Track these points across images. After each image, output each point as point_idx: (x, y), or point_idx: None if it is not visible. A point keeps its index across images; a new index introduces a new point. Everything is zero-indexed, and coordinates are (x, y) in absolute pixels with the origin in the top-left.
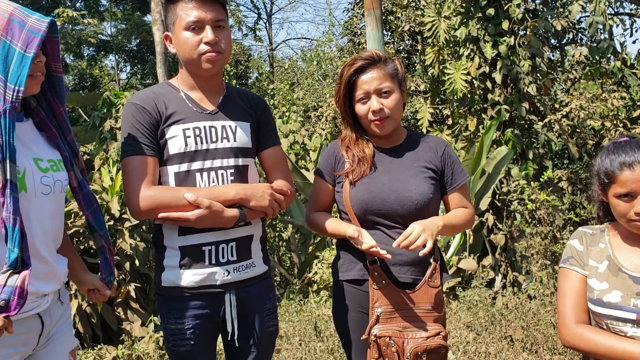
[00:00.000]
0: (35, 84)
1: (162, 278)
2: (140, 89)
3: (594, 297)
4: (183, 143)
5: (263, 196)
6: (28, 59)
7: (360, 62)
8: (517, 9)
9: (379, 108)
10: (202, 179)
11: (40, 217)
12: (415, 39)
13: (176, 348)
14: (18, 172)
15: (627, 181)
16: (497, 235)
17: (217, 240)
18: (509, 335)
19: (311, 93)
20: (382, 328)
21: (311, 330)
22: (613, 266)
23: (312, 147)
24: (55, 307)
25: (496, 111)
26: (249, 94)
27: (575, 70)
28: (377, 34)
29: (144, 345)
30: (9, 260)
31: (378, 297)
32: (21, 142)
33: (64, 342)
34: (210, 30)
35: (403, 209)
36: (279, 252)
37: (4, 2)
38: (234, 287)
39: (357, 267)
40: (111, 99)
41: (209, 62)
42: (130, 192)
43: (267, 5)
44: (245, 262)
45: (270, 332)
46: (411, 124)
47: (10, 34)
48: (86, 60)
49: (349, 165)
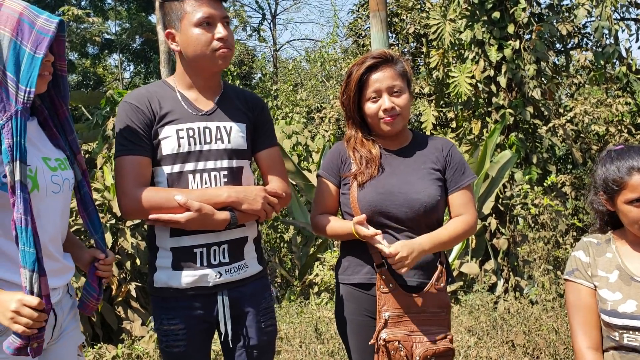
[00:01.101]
0: (43, 83)
1: (154, 279)
2: None
3: (608, 309)
4: (176, 144)
5: (255, 199)
6: (38, 59)
7: (371, 61)
8: (522, 13)
9: (391, 106)
10: (194, 181)
11: (51, 216)
12: (420, 41)
13: (169, 349)
14: (30, 171)
15: (638, 186)
16: (499, 240)
17: (209, 242)
18: (510, 340)
19: (315, 94)
20: (390, 332)
21: (312, 332)
22: (624, 275)
23: (314, 148)
24: (65, 299)
25: (500, 115)
26: (247, 94)
27: (580, 75)
28: (382, 36)
29: (143, 345)
30: (28, 262)
31: (386, 301)
32: (30, 142)
33: (74, 336)
34: (222, 26)
35: (412, 211)
36: (280, 253)
37: (15, 1)
38: (227, 288)
39: (364, 271)
40: (114, 98)
41: (221, 58)
42: (122, 192)
43: (272, 5)
44: (238, 263)
45: (268, 332)
46: (415, 127)
47: (20, 34)
48: (90, 59)
49: (357, 166)
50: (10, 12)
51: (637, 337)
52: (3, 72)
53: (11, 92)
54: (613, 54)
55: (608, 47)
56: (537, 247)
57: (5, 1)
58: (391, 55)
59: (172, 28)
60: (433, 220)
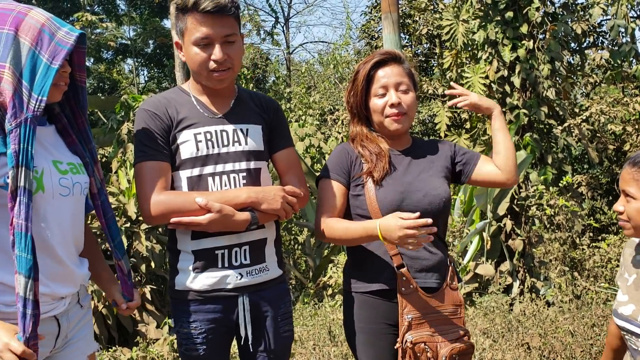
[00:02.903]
0: (58, 92)
1: (175, 281)
2: (158, 93)
3: (614, 307)
4: (195, 148)
5: (275, 199)
6: (53, 70)
7: (379, 57)
8: (536, 13)
9: (397, 102)
10: (214, 183)
11: (58, 218)
12: (433, 42)
13: (189, 352)
14: (36, 172)
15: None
16: (515, 241)
17: (231, 244)
18: (526, 342)
19: (327, 97)
20: (415, 334)
21: (325, 335)
22: (638, 280)
23: (327, 150)
24: (74, 310)
25: (515, 115)
26: (261, 96)
27: (596, 74)
28: (395, 38)
29: (158, 348)
30: (24, 268)
31: (407, 304)
32: (42, 146)
33: (83, 345)
34: (219, 49)
35: (432, 207)
36: (294, 255)
37: (40, 13)
38: (248, 291)
39: (383, 277)
40: (129, 102)
41: (217, 81)
42: (143, 197)
43: (285, 9)
44: (259, 265)
45: (285, 337)
46: (429, 128)
47: (39, 44)
48: (105, 64)
49: (368, 163)
50: (34, 22)
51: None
52: (19, 79)
53: (24, 99)
54: (630, 52)
55: (624, 45)
56: (553, 248)
57: (30, 12)
58: (398, 54)
59: (179, 39)
60: (446, 217)
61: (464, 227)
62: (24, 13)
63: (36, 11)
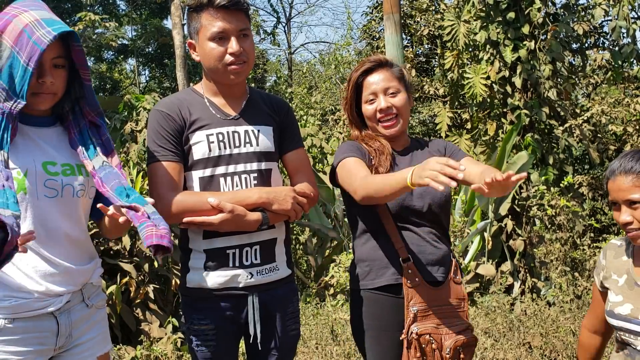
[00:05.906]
0: (41, 102)
1: (187, 279)
2: (159, 92)
3: (608, 309)
4: (207, 148)
5: (285, 199)
6: (29, 72)
7: (367, 65)
8: (537, 13)
9: (386, 106)
10: (225, 184)
11: (42, 219)
12: (435, 42)
13: (199, 348)
14: (19, 173)
15: (611, 190)
16: (516, 241)
17: (242, 243)
18: (527, 342)
19: (329, 97)
20: (420, 326)
21: (328, 334)
22: (630, 280)
23: (329, 150)
24: (78, 308)
25: (516, 116)
26: (272, 98)
27: (597, 75)
28: (396, 38)
29: (162, 346)
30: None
31: (412, 296)
32: (38, 147)
33: (93, 347)
34: (236, 41)
35: (434, 202)
36: (296, 255)
37: (31, 14)
38: (257, 290)
39: (389, 272)
40: (132, 102)
41: (234, 74)
42: (156, 197)
43: (287, 9)
44: (269, 265)
45: (292, 336)
46: (430, 128)
47: (19, 45)
48: (106, 64)
49: (374, 159)
50: (19, 24)
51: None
52: None
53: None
54: (631, 53)
55: (626, 46)
56: (554, 249)
57: (22, 14)
58: (387, 60)
59: (193, 39)
60: (448, 213)
61: (465, 227)
62: (15, 15)
63: (29, 13)
